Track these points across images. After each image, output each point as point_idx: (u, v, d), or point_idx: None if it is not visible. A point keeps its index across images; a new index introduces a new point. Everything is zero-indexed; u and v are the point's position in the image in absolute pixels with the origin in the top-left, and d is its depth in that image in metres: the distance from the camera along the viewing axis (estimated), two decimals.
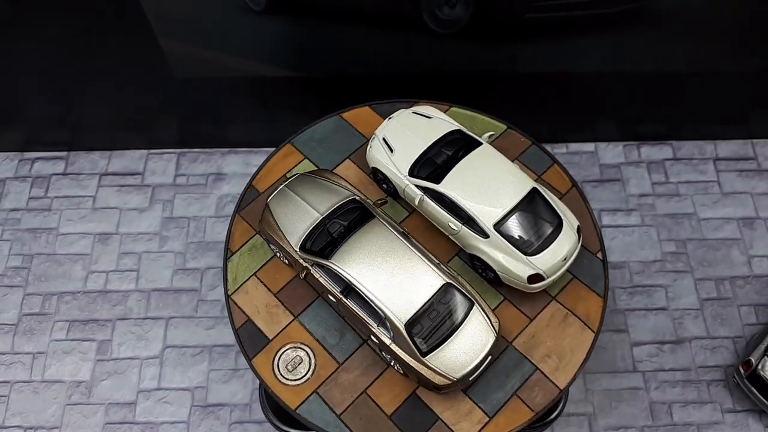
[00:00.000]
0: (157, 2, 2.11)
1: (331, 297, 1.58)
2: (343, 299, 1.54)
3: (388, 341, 1.49)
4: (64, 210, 2.81)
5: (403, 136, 1.75)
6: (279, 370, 1.57)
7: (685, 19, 2.22)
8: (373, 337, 1.53)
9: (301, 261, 1.59)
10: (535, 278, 1.64)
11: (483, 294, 1.68)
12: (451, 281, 1.55)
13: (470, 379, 1.52)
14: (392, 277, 1.50)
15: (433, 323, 1.48)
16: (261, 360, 1.60)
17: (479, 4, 2.10)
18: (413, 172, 1.71)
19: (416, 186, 1.70)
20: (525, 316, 1.70)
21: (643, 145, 2.93)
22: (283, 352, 1.60)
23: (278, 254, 1.69)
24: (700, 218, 2.74)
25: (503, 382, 1.59)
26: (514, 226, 1.64)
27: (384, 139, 1.74)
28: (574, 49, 2.32)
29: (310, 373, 1.56)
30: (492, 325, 1.55)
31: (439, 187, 1.65)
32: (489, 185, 1.65)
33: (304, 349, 1.60)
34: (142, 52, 2.36)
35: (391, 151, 1.74)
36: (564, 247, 1.65)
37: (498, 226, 1.63)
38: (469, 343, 1.51)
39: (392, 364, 1.56)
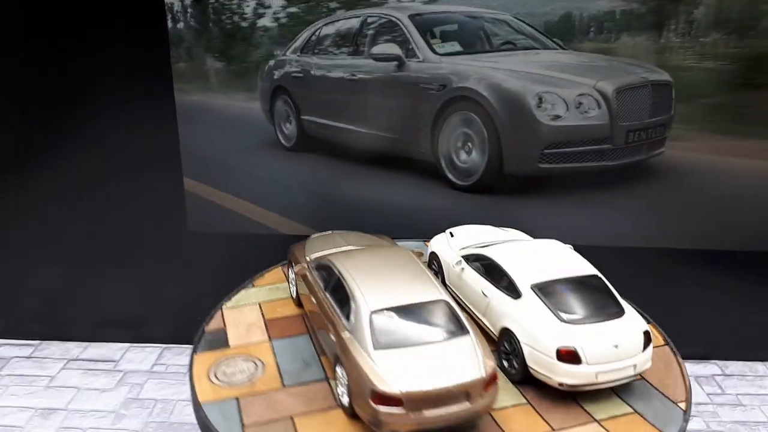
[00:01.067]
0: (193, 142, 2.27)
1: (312, 300, 1.41)
2: (321, 293, 1.38)
3: (346, 334, 1.23)
4: (12, 386, 2.36)
5: (468, 233, 1.75)
6: (215, 374, 1.38)
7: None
8: (332, 337, 1.28)
9: (305, 264, 1.51)
10: (567, 356, 1.25)
11: (503, 391, 1.32)
12: (451, 302, 1.27)
13: (424, 414, 1.12)
14: (383, 277, 1.31)
15: (408, 325, 1.22)
16: (204, 358, 1.43)
17: (493, 153, 2.24)
18: (464, 248, 1.64)
19: (462, 256, 1.60)
20: (546, 424, 1.25)
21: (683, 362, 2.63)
22: (230, 360, 1.42)
23: (291, 287, 1.62)
24: None
25: None
26: (556, 292, 1.36)
27: (450, 233, 1.76)
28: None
29: (244, 382, 1.35)
30: (483, 365, 1.17)
31: (483, 250, 1.53)
32: (541, 260, 1.46)
33: (254, 362, 1.42)
34: (163, 202, 2.41)
35: (452, 236, 1.73)
36: (618, 333, 1.30)
37: (536, 287, 1.38)
38: (443, 365, 1.15)
39: (340, 394, 1.26)
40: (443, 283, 1.67)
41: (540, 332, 1.30)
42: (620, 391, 1.35)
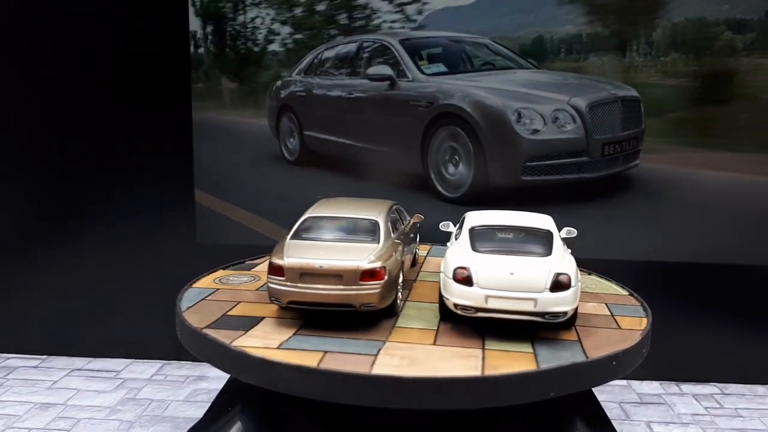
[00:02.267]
0: (206, 156, 2.50)
1: None
2: None
3: (284, 235, 1.50)
4: (16, 387, 2.44)
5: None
6: (220, 279, 1.74)
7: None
8: None
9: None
10: (462, 277, 1.33)
11: (420, 320, 1.46)
12: (379, 221, 1.49)
13: (299, 285, 1.34)
14: (340, 205, 1.57)
15: (331, 229, 1.47)
16: (227, 272, 1.82)
17: (479, 166, 2.42)
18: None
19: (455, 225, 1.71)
20: (434, 339, 1.35)
21: (683, 384, 2.61)
22: (240, 275, 1.77)
23: None
24: None
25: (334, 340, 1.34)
26: (489, 235, 1.45)
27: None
28: None
29: (233, 284, 1.70)
30: (367, 260, 1.34)
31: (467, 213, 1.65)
32: (505, 217, 1.55)
33: (254, 277, 1.76)
34: (174, 219, 2.61)
35: None
36: (519, 265, 1.34)
37: (473, 228, 1.48)
38: (333, 255, 1.36)
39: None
40: None
41: (451, 259, 1.39)
42: (540, 341, 1.33)
